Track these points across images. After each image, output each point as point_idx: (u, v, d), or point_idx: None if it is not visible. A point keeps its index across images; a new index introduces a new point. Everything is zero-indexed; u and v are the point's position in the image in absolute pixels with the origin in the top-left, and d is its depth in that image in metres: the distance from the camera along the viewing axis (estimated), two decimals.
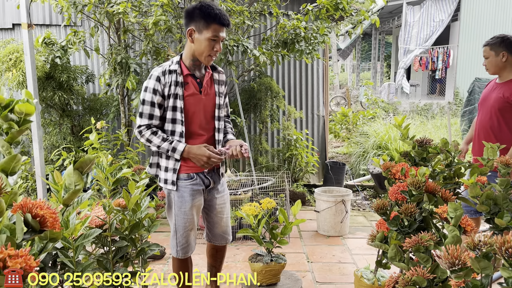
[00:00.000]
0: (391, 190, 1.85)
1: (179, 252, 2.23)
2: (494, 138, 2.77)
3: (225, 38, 2.09)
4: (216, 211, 2.34)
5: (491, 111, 2.83)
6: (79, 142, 4.83)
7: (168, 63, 2.16)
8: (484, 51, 2.89)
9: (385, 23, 15.44)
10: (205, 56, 2.10)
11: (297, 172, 5.43)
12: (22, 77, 4.25)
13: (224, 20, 2.04)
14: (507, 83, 2.81)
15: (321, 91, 5.87)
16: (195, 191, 2.19)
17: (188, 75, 2.15)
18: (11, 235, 0.95)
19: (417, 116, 9.90)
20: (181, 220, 2.19)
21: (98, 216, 1.72)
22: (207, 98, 2.20)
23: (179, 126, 2.12)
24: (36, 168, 3.07)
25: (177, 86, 2.10)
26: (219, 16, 2.03)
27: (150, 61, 5.19)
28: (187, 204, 2.17)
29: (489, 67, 2.89)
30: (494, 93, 2.87)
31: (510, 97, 2.73)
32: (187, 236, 2.22)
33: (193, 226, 2.23)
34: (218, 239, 2.40)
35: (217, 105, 2.23)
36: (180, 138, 2.12)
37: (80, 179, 1.22)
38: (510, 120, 2.78)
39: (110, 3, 3.95)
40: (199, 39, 2.07)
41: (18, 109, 1.05)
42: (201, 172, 2.20)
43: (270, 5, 4.45)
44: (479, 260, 1.10)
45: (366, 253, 3.50)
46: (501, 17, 10.73)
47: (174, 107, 2.11)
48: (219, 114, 2.26)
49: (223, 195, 2.36)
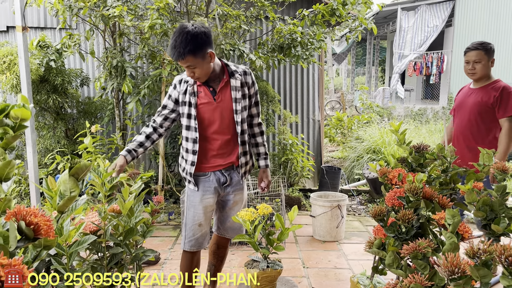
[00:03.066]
0: (388, 196, 1.84)
1: (186, 244, 2.36)
2: (474, 141, 2.88)
3: (191, 64, 2.13)
4: (230, 206, 2.44)
5: (470, 115, 2.94)
6: (73, 146, 4.79)
7: (185, 73, 2.28)
8: (476, 55, 2.92)
9: (380, 28, 15.53)
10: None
11: (293, 176, 5.42)
12: (16, 80, 4.22)
13: (172, 57, 2.11)
14: (484, 88, 2.94)
15: (317, 96, 5.88)
16: (207, 188, 2.31)
17: (201, 85, 2.25)
18: (4, 242, 0.93)
19: (411, 121, 9.95)
20: (190, 213, 2.34)
21: (93, 222, 1.69)
22: (223, 105, 2.26)
23: (193, 132, 2.26)
24: (29, 172, 3.03)
25: (190, 95, 2.23)
26: (170, 54, 2.12)
27: (145, 64, 5.17)
28: (197, 198, 2.31)
29: (479, 71, 2.94)
30: (471, 98, 2.98)
31: (489, 101, 2.86)
32: (194, 229, 2.34)
33: (201, 222, 2.34)
34: (229, 232, 2.51)
35: (235, 111, 2.28)
36: (194, 143, 2.26)
37: (75, 186, 1.20)
38: (489, 123, 2.90)
39: (105, 6, 3.93)
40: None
41: (13, 114, 1.03)
42: (219, 170, 2.32)
43: (267, 9, 4.46)
44: (478, 268, 1.09)
45: (362, 259, 3.50)
46: (495, 23, 10.84)
47: (188, 114, 2.25)
48: (238, 119, 2.29)
49: (241, 192, 2.44)
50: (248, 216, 2.43)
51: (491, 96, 2.88)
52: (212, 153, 2.30)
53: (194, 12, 4.43)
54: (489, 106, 2.87)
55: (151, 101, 4.80)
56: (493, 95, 2.87)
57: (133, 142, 2.28)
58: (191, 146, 2.27)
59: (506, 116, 2.83)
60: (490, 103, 2.87)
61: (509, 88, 2.87)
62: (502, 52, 10.71)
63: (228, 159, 2.34)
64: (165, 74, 4.00)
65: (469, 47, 2.97)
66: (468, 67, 2.96)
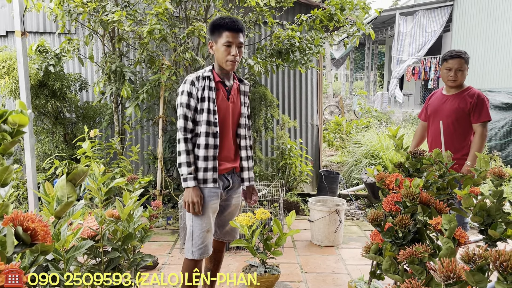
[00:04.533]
0: (385, 201, 1.85)
1: (195, 253, 2.29)
2: (452, 146, 2.97)
3: (243, 43, 2.27)
4: (230, 210, 2.47)
5: (448, 122, 3.05)
6: (72, 151, 4.79)
7: (202, 71, 2.33)
8: (459, 63, 3.05)
9: (378, 33, 15.60)
10: (224, 62, 2.26)
11: (291, 181, 5.42)
12: (15, 85, 4.22)
13: (233, 26, 2.21)
14: (459, 94, 3.07)
15: (315, 100, 5.90)
16: (213, 194, 2.30)
17: (219, 82, 2.32)
18: (2, 248, 0.93)
19: (409, 125, 9.96)
20: (198, 220, 2.28)
21: (90, 227, 1.69)
22: (234, 106, 2.38)
23: (213, 127, 2.27)
24: (28, 177, 3.03)
25: (210, 91, 2.27)
26: (228, 24, 2.21)
27: (144, 69, 5.18)
28: (205, 205, 2.28)
29: (460, 79, 3.07)
30: (447, 104, 3.10)
31: (465, 108, 3.01)
32: (204, 237, 2.30)
33: (209, 228, 2.32)
34: (227, 236, 2.53)
35: (242, 114, 2.42)
36: (215, 138, 2.27)
37: (73, 191, 1.21)
38: (466, 128, 3.05)
39: (105, 11, 3.95)
40: (217, 48, 2.27)
41: (11, 120, 1.04)
42: (222, 174, 2.35)
43: (265, 15, 4.48)
44: (473, 274, 1.10)
45: (360, 263, 3.49)
46: (493, 28, 10.89)
47: (208, 109, 2.26)
48: (243, 122, 2.43)
49: (239, 196, 2.50)
50: (246, 221, 2.44)
51: (467, 102, 3.02)
52: (222, 154, 2.34)
53: (193, 17, 4.45)
54: (466, 112, 3.02)
55: (150, 106, 4.80)
56: (469, 101, 3.02)
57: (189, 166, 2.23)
58: (212, 141, 2.26)
59: (480, 121, 3.00)
60: (467, 109, 3.01)
61: (483, 95, 3.04)
62: (501, 56, 10.75)
63: (233, 163, 2.40)
64: (164, 78, 4.01)
65: (451, 55, 3.09)
66: (450, 74, 3.06)
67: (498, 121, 6.85)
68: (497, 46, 10.83)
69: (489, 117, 3.01)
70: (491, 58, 10.98)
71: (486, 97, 3.06)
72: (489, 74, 10.99)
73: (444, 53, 3.19)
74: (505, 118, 6.85)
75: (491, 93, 7.22)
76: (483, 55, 11.14)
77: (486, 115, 3.00)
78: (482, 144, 3.00)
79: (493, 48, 10.93)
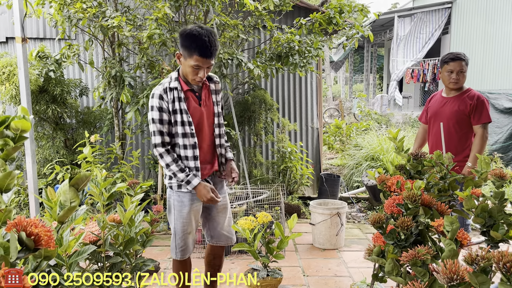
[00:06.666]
0: (386, 203, 1.85)
1: (178, 254, 2.35)
2: (454, 148, 2.97)
3: (212, 64, 2.18)
4: (218, 210, 2.44)
5: (449, 124, 3.06)
6: (73, 156, 4.79)
7: (167, 81, 2.24)
8: (459, 65, 3.05)
9: (377, 36, 15.63)
10: (190, 79, 2.20)
11: (292, 184, 5.42)
12: (15, 91, 4.23)
13: (205, 53, 2.09)
14: (459, 97, 3.08)
15: (315, 104, 5.91)
16: (195, 197, 2.29)
17: (187, 91, 2.25)
18: (5, 253, 0.93)
19: (409, 128, 9.96)
20: (180, 223, 2.31)
21: (92, 232, 1.69)
22: (207, 109, 2.32)
23: (191, 139, 2.24)
24: (29, 182, 3.03)
25: (180, 102, 2.20)
26: (200, 49, 2.08)
27: (144, 74, 5.20)
28: (186, 208, 2.29)
29: (462, 81, 3.08)
30: (448, 107, 3.10)
31: (466, 110, 3.01)
32: (185, 239, 2.34)
33: (191, 230, 2.35)
34: (222, 239, 2.50)
35: (216, 114, 2.37)
36: (194, 149, 2.24)
37: (75, 196, 1.21)
38: (466, 131, 3.06)
39: (104, 17, 3.96)
40: (184, 64, 2.17)
41: (14, 125, 1.04)
42: (204, 179, 2.33)
43: (264, 19, 4.49)
44: (477, 275, 1.10)
45: (362, 266, 3.49)
46: (491, 31, 10.92)
47: (182, 121, 2.21)
48: (219, 121, 2.39)
49: (224, 196, 2.47)
50: (248, 225, 2.44)
51: (468, 104, 3.02)
52: (201, 160, 2.31)
53: (192, 22, 4.47)
54: (466, 114, 3.03)
55: None
56: (469, 103, 3.02)
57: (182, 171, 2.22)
58: (191, 153, 2.25)
59: (481, 123, 3.00)
60: (467, 112, 3.02)
61: (482, 97, 3.05)
62: (500, 58, 10.78)
63: (213, 166, 2.39)
64: None
65: (452, 57, 3.08)
66: (452, 77, 3.06)
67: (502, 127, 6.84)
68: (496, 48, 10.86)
69: (489, 119, 3.01)
70: (490, 60, 11.01)
71: (486, 98, 3.06)
72: (488, 76, 11.01)
73: (443, 56, 3.19)
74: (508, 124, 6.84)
75: (490, 95, 7.22)
76: (482, 57, 11.16)
77: (486, 116, 3.00)
78: (483, 146, 3.00)
79: (492, 50, 10.96)
